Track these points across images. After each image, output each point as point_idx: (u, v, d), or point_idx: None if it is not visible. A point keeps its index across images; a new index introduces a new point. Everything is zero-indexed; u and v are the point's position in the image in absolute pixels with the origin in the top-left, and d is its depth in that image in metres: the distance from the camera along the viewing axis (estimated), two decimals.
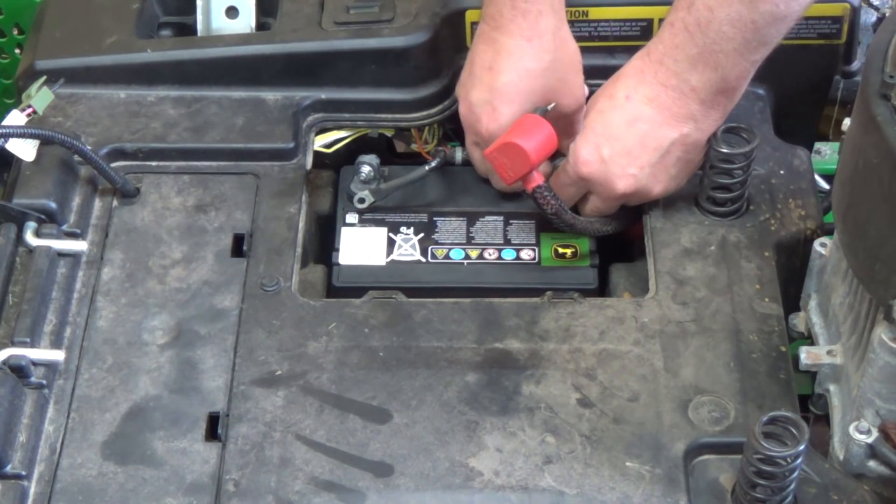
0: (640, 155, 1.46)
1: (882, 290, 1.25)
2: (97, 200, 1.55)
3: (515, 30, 1.48)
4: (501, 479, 1.31)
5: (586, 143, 1.47)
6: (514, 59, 1.49)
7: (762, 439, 1.22)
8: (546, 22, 1.48)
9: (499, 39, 1.49)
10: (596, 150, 1.46)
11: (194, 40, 1.69)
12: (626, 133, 1.45)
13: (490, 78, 1.50)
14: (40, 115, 1.59)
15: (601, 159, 1.46)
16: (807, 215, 1.52)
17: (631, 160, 1.46)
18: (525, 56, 1.49)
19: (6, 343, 1.39)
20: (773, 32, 1.40)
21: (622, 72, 1.47)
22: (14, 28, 2.02)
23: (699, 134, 1.46)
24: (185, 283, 1.47)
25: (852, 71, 1.65)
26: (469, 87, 1.53)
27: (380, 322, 1.43)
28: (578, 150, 1.48)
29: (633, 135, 1.45)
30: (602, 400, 1.36)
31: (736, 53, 1.40)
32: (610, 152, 1.46)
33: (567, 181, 1.51)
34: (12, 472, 1.31)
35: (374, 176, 1.60)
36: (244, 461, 1.32)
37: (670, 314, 1.43)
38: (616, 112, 1.46)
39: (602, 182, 1.48)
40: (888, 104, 1.21)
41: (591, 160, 1.47)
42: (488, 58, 1.50)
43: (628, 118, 1.45)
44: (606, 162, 1.46)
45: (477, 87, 1.51)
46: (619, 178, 1.47)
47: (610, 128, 1.46)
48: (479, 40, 1.52)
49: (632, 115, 1.45)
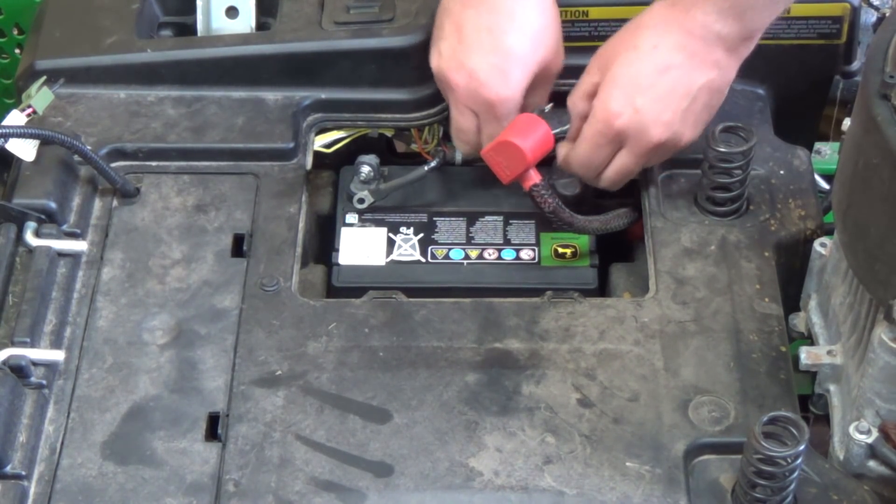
0: (672, 102, 1.45)
1: (882, 290, 1.25)
2: (97, 200, 1.55)
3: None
4: (501, 479, 1.31)
5: (615, 95, 1.45)
6: (519, 18, 1.47)
7: (762, 439, 1.22)
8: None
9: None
10: (628, 101, 1.45)
11: (194, 40, 1.69)
12: (658, 81, 1.44)
13: (493, 40, 1.47)
14: (40, 115, 1.59)
15: (635, 109, 1.44)
16: (807, 215, 1.52)
17: (664, 107, 1.45)
18: (530, 14, 1.48)
19: (6, 343, 1.39)
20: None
21: (641, 22, 1.46)
22: (14, 28, 2.02)
23: (722, 80, 1.46)
24: (185, 283, 1.47)
25: (852, 71, 1.65)
26: (463, 53, 1.49)
27: (380, 322, 1.43)
28: (609, 104, 1.45)
29: (665, 82, 1.44)
30: (602, 400, 1.36)
31: (763, 6, 1.42)
32: (643, 101, 1.44)
33: (599, 141, 1.48)
34: (12, 472, 1.31)
35: (374, 176, 1.60)
36: (244, 461, 1.32)
37: (670, 314, 1.43)
38: (644, 62, 1.44)
39: (637, 133, 1.46)
40: (888, 104, 1.21)
41: (624, 111, 1.45)
42: (485, 20, 1.47)
43: (658, 67, 1.44)
44: (640, 111, 1.44)
45: (476, 51, 1.48)
46: (654, 125, 1.45)
47: (639, 77, 1.44)
48: (460, 4, 1.49)
49: (662, 64, 1.44)
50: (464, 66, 1.49)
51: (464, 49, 1.49)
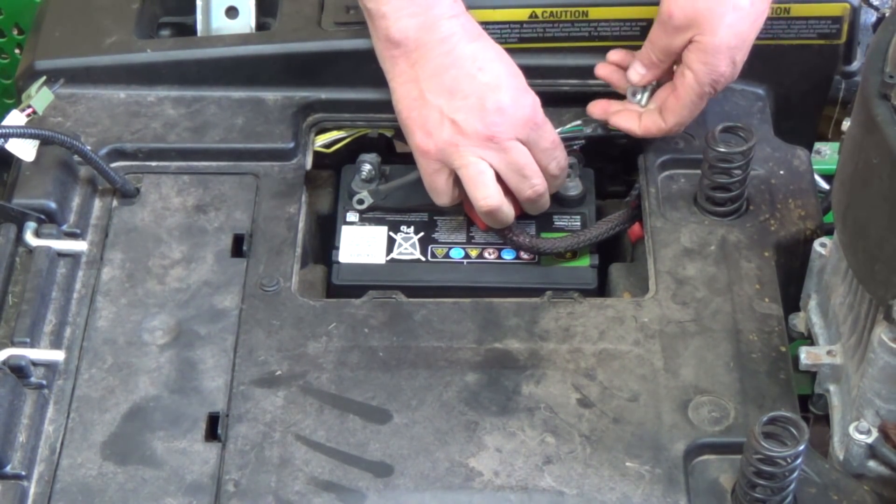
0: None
1: (882, 290, 1.25)
2: (97, 200, 1.55)
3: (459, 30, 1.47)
4: (501, 480, 1.31)
5: (724, 59, 1.47)
6: (493, 48, 1.48)
7: (762, 439, 1.21)
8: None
9: (458, 45, 1.47)
10: (731, 59, 1.48)
11: (194, 40, 1.69)
12: (751, 36, 1.48)
13: (495, 74, 1.47)
14: (40, 115, 1.59)
15: (734, 63, 1.48)
16: (807, 215, 1.52)
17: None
18: (490, 42, 1.49)
19: (6, 343, 1.39)
20: None
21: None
22: (14, 28, 2.02)
23: None
24: (184, 284, 1.47)
25: (852, 71, 1.65)
26: (485, 93, 1.46)
27: (380, 322, 1.43)
28: (720, 68, 1.48)
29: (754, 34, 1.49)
30: (602, 400, 1.36)
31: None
32: (740, 56, 1.48)
33: (704, 98, 1.50)
34: (12, 472, 1.31)
35: (374, 175, 1.60)
36: (244, 461, 1.32)
37: (670, 314, 1.43)
38: (744, 20, 1.47)
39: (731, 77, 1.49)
40: (888, 104, 1.21)
41: (728, 70, 1.48)
42: (469, 63, 1.46)
43: (756, 22, 1.48)
44: (738, 65, 1.48)
45: (496, 89, 1.46)
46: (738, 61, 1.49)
47: (742, 36, 1.48)
48: (446, 54, 1.47)
49: (759, 17, 1.48)
50: (497, 105, 1.46)
51: (478, 91, 1.46)
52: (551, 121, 1.51)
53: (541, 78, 1.59)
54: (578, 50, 1.60)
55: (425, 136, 1.48)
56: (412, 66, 1.48)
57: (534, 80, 1.52)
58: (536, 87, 1.52)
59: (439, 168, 1.48)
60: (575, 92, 1.61)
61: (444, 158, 1.47)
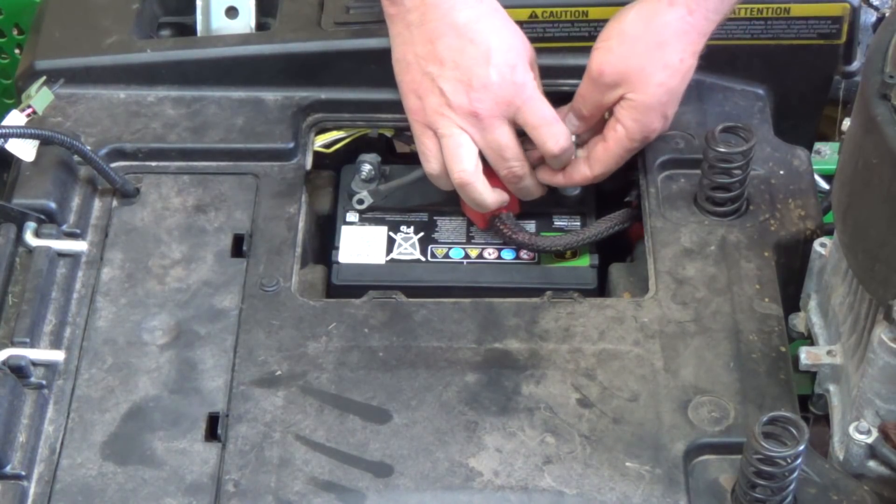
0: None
1: (882, 290, 1.25)
2: (97, 200, 1.55)
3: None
4: (501, 480, 1.31)
5: (653, 116, 1.50)
6: (491, 17, 1.47)
7: (762, 439, 1.21)
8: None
9: (452, 11, 1.45)
10: (663, 114, 1.50)
11: (194, 40, 1.69)
12: (681, 88, 1.50)
13: (485, 47, 1.45)
14: (40, 115, 1.59)
15: (666, 117, 1.51)
16: (807, 215, 1.52)
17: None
18: (490, 10, 1.48)
19: (6, 343, 1.39)
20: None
21: (661, 37, 1.47)
22: (14, 28, 2.02)
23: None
24: (184, 284, 1.47)
25: (852, 71, 1.65)
26: (472, 68, 1.44)
27: (380, 322, 1.43)
28: (651, 125, 1.50)
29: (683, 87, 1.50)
30: (602, 400, 1.36)
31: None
32: (672, 111, 1.51)
33: (631, 152, 1.51)
34: (12, 472, 1.31)
35: (374, 175, 1.60)
36: (244, 461, 1.32)
37: (670, 314, 1.43)
38: (675, 78, 1.49)
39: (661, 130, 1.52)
40: (888, 104, 1.21)
41: (659, 125, 1.51)
42: (463, 33, 1.45)
43: (686, 78, 1.49)
44: (668, 116, 1.51)
45: (484, 64, 1.45)
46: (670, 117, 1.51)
47: (673, 94, 1.50)
48: (451, 21, 1.45)
49: (688, 73, 1.49)
50: (503, 73, 1.45)
51: (483, 58, 1.45)
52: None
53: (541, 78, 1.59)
54: (578, 50, 1.59)
55: (416, 100, 1.48)
56: (408, 28, 1.47)
57: None
58: None
59: (428, 132, 1.49)
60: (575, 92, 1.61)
61: (431, 124, 1.48)
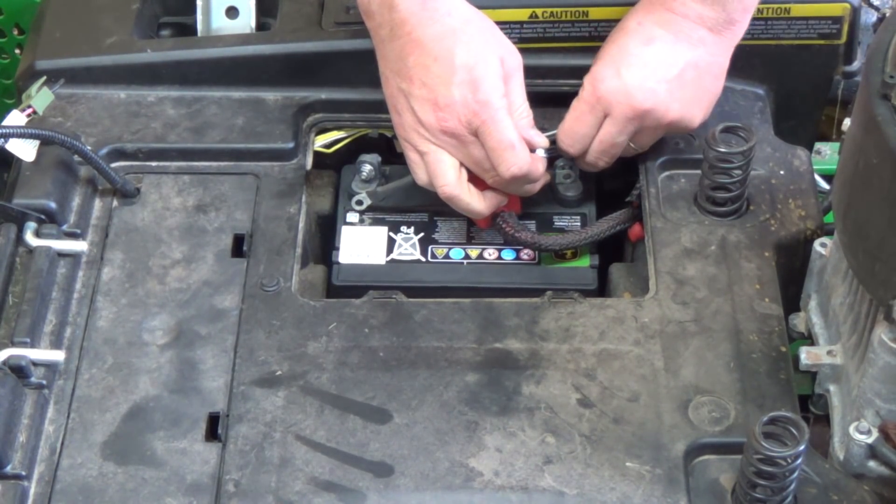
0: (657, 69, 1.47)
1: (882, 290, 1.25)
2: (97, 200, 1.55)
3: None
4: (501, 480, 1.31)
5: (604, 66, 1.49)
6: (455, 35, 1.46)
7: (762, 439, 1.21)
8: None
9: (417, 29, 1.45)
10: (615, 69, 1.47)
11: (194, 40, 1.69)
12: (643, 51, 1.47)
13: (447, 66, 1.44)
14: (40, 115, 1.60)
15: (619, 75, 1.47)
16: (807, 215, 1.52)
17: (649, 74, 1.47)
18: (454, 27, 1.46)
19: (6, 343, 1.39)
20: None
21: (631, 9, 1.51)
22: (14, 28, 2.02)
23: (711, 58, 1.48)
24: (185, 284, 1.47)
25: (852, 71, 1.65)
26: (437, 86, 1.44)
27: (380, 322, 1.43)
28: (596, 73, 1.49)
29: (649, 52, 1.47)
30: (602, 400, 1.36)
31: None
32: (627, 69, 1.47)
33: (583, 108, 1.50)
34: (12, 472, 1.31)
35: (374, 175, 1.60)
36: (244, 461, 1.32)
37: (670, 314, 1.43)
38: (630, 37, 1.48)
39: (621, 97, 1.47)
40: (888, 104, 1.21)
41: (608, 77, 1.47)
42: (428, 50, 1.44)
43: (643, 39, 1.48)
44: (623, 77, 1.47)
45: (446, 83, 1.44)
46: (638, 91, 1.47)
47: (626, 49, 1.48)
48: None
49: (646, 37, 1.48)
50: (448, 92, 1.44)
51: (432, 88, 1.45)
52: (551, 121, 1.51)
53: (541, 78, 1.59)
54: (578, 50, 1.60)
55: (396, 115, 1.49)
56: (382, 43, 1.48)
57: (534, 80, 1.52)
58: (536, 87, 1.53)
59: (409, 146, 1.49)
60: (575, 92, 1.60)
61: (409, 141, 1.48)
